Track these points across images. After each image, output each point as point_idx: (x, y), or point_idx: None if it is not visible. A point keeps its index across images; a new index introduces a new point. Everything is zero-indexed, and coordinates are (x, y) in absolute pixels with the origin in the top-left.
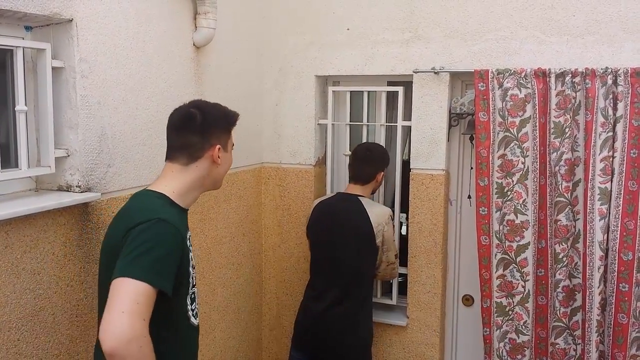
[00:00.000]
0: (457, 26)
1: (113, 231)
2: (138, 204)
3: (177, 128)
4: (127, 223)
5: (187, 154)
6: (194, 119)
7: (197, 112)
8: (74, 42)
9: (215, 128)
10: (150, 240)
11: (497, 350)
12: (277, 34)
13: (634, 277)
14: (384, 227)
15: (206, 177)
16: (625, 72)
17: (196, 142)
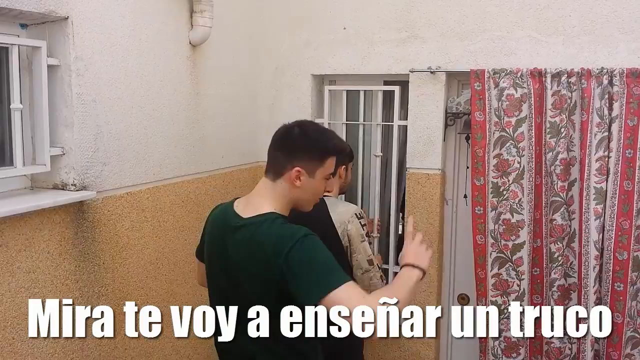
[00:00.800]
0: (454, 26)
1: (249, 259)
2: (267, 232)
3: (273, 141)
4: (271, 253)
5: (273, 170)
6: (285, 136)
7: (297, 130)
8: (70, 40)
9: (303, 152)
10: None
11: (492, 348)
12: (274, 32)
13: (629, 277)
14: (347, 226)
15: (287, 195)
16: (620, 72)
17: (280, 159)
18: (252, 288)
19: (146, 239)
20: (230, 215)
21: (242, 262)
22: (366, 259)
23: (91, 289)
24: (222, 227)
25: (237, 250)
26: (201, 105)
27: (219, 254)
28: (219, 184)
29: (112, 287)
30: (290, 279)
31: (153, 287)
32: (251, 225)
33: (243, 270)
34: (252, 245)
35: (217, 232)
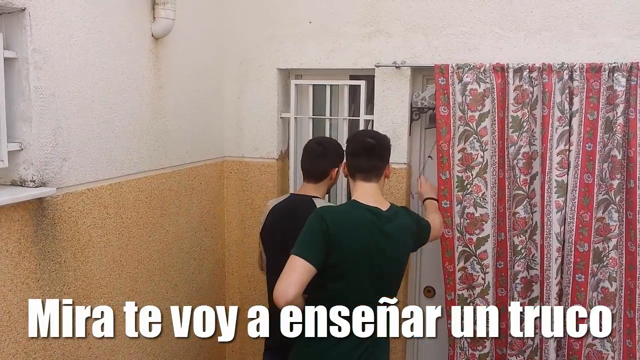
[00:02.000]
0: (418, 21)
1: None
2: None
3: (365, 154)
4: (411, 230)
5: (376, 174)
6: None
7: (375, 142)
8: (27, 32)
9: (387, 153)
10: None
11: (459, 341)
12: (239, 26)
13: (590, 268)
14: None
15: (382, 188)
16: (580, 67)
17: (380, 165)
18: (405, 259)
19: (109, 236)
20: (373, 210)
21: (401, 240)
22: None
23: (53, 287)
24: (373, 219)
25: (398, 232)
26: (165, 99)
27: (377, 244)
28: (183, 179)
29: (74, 286)
30: (421, 232)
31: (116, 285)
32: (397, 214)
33: (402, 247)
34: (404, 226)
35: (372, 230)
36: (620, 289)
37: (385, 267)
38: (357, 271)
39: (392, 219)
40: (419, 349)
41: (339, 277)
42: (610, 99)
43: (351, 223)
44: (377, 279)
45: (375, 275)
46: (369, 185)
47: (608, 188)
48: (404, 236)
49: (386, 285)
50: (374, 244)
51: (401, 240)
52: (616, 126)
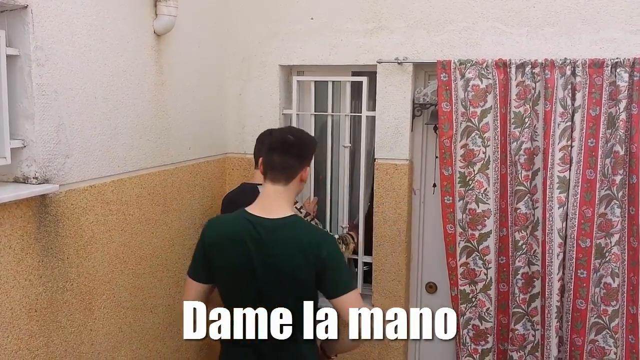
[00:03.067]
0: (420, 17)
1: (283, 257)
2: (305, 232)
3: (279, 151)
4: (307, 249)
5: (286, 175)
6: (293, 145)
7: (294, 138)
8: (30, 29)
9: (308, 153)
10: (342, 257)
11: (461, 337)
12: (240, 22)
13: (592, 264)
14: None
15: (295, 192)
16: (583, 63)
17: (294, 164)
18: (302, 276)
19: (111, 233)
20: (255, 220)
21: (288, 255)
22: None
23: (55, 284)
24: (251, 232)
25: (283, 245)
26: (167, 96)
27: (255, 257)
28: (185, 175)
29: (77, 282)
30: (326, 270)
31: (119, 282)
32: (288, 223)
33: (290, 261)
34: (295, 240)
35: (244, 239)
36: (622, 285)
37: (267, 280)
38: (233, 285)
39: (278, 230)
40: (421, 346)
41: (222, 289)
42: (612, 95)
43: (224, 234)
44: (259, 294)
45: (256, 290)
46: (273, 188)
47: (610, 184)
48: (290, 249)
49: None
50: (247, 256)
51: (288, 253)
52: (619, 122)
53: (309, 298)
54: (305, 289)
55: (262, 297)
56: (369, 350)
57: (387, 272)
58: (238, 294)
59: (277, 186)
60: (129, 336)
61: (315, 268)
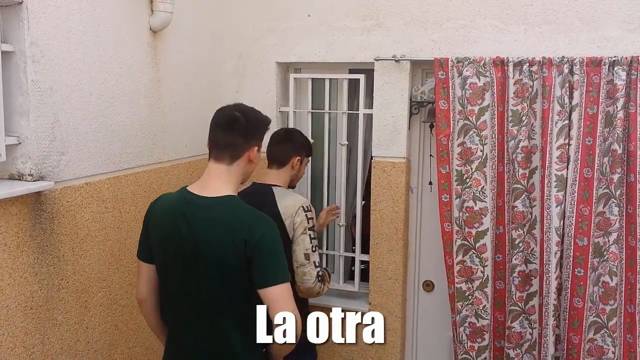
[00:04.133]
0: (418, 14)
1: (214, 240)
2: (237, 213)
3: (224, 128)
4: (238, 234)
5: (230, 153)
6: (239, 121)
7: (241, 115)
8: (24, 25)
9: (255, 131)
10: (276, 244)
11: (458, 335)
12: (237, 19)
13: (590, 262)
14: (294, 219)
15: (242, 174)
16: (580, 61)
17: (240, 142)
18: (229, 260)
19: (107, 230)
20: (189, 197)
21: (216, 236)
22: (303, 252)
23: (51, 281)
24: (183, 209)
25: (212, 226)
26: (163, 93)
27: (184, 235)
28: (182, 173)
29: (72, 280)
30: (255, 259)
31: (114, 279)
32: (220, 205)
33: (217, 243)
34: (224, 222)
35: (176, 215)
36: (620, 284)
37: (194, 260)
38: (162, 263)
39: (209, 209)
40: (417, 345)
41: (156, 267)
42: (610, 93)
43: (160, 210)
44: (187, 274)
45: (184, 270)
46: (215, 166)
47: (608, 182)
48: (218, 231)
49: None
50: (176, 233)
51: (216, 235)
52: (616, 120)
53: (238, 285)
54: (232, 274)
55: (189, 278)
56: (365, 348)
57: (384, 270)
58: (167, 272)
59: (220, 165)
60: (125, 334)
61: (244, 253)
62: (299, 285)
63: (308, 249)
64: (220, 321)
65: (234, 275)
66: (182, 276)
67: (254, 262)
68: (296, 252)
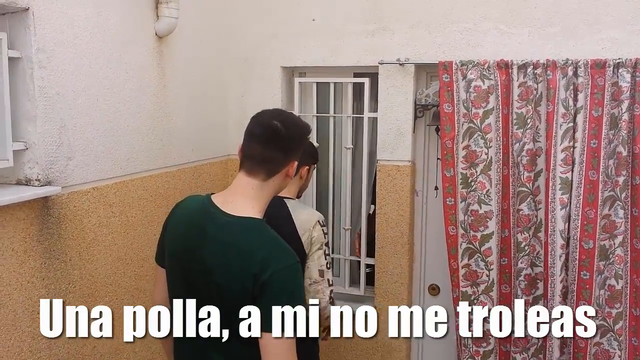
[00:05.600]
0: (422, 17)
1: (221, 268)
2: (256, 242)
3: (263, 140)
4: (248, 267)
5: (267, 169)
6: (280, 134)
7: (282, 126)
8: (31, 31)
9: (296, 143)
10: (290, 285)
11: (463, 338)
12: (242, 24)
13: (595, 265)
14: (312, 234)
15: (275, 191)
16: (585, 63)
17: (279, 157)
18: (233, 293)
19: (114, 235)
20: (211, 207)
21: (225, 262)
22: (317, 268)
23: (58, 286)
24: (201, 221)
25: (224, 249)
26: (169, 98)
27: (195, 250)
28: (188, 177)
29: (79, 284)
30: (262, 296)
31: (121, 284)
32: (239, 227)
33: (224, 270)
34: (237, 250)
35: (193, 226)
36: (626, 287)
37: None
38: (170, 273)
39: (226, 230)
40: (423, 348)
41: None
42: (615, 95)
43: (181, 214)
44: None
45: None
46: (247, 180)
47: (614, 185)
48: (229, 256)
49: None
50: (188, 247)
51: (225, 260)
52: (621, 122)
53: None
54: (234, 311)
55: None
56: (371, 352)
57: (390, 274)
58: (172, 284)
59: (253, 180)
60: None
61: (251, 290)
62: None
63: (323, 266)
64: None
65: (236, 313)
66: (184, 292)
67: (258, 301)
68: (310, 269)
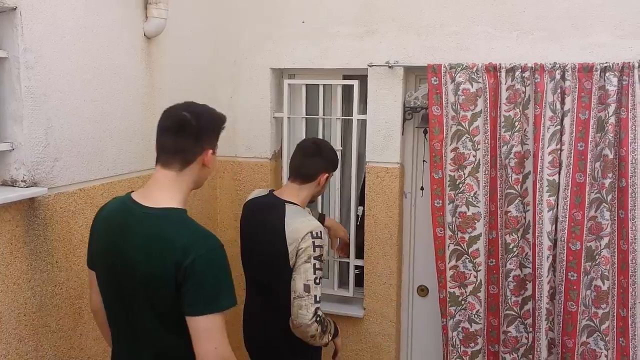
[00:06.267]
0: (411, 21)
1: (143, 261)
2: (176, 230)
3: (172, 132)
4: (170, 255)
5: (180, 159)
6: (189, 124)
7: (191, 116)
8: (18, 31)
9: (208, 132)
10: (215, 268)
11: (450, 339)
12: (232, 25)
13: (582, 266)
14: (299, 245)
15: (194, 181)
16: (572, 67)
17: (190, 146)
18: (157, 284)
19: None
20: (131, 204)
21: (146, 254)
22: (303, 282)
23: (44, 288)
24: (121, 218)
25: (145, 241)
26: (157, 99)
27: (118, 248)
28: None
29: (66, 286)
30: (186, 281)
31: None
32: (159, 219)
33: (147, 262)
34: (158, 240)
35: (114, 225)
36: (612, 288)
37: (124, 278)
38: (98, 275)
39: (146, 222)
40: (412, 349)
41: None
42: (602, 99)
43: (102, 217)
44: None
45: (114, 287)
46: (163, 173)
47: (600, 187)
48: (151, 248)
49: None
50: (111, 246)
51: (147, 252)
52: (608, 125)
53: (167, 315)
54: (162, 301)
55: (120, 298)
56: (361, 354)
57: (379, 275)
58: (102, 288)
59: (169, 172)
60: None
61: (174, 279)
62: (293, 320)
63: (310, 280)
64: (150, 349)
65: (162, 303)
66: (115, 294)
67: (184, 288)
68: (296, 281)
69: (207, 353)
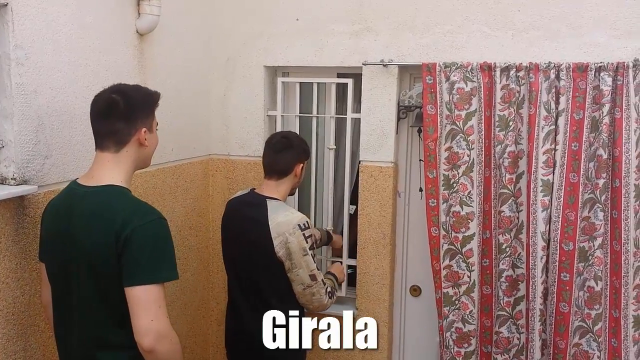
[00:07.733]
0: (406, 19)
1: (86, 235)
2: (115, 204)
3: (102, 115)
4: (111, 227)
5: (114, 141)
6: (117, 105)
7: (119, 97)
8: (9, 27)
9: (139, 111)
10: (155, 238)
11: (444, 339)
12: (225, 23)
13: (575, 267)
14: (287, 239)
15: (134, 160)
16: (567, 67)
17: (122, 127)
18: (98, 259)
19: None
20: (74, 186)
21: (87, 229)
22: (308, 273)
23: (33, 287)
24: (66, 201)
25: (84, 218)
26: None
27: (63, 228)
28: (168, 177)
29: None
30: (124, 252)
31: None
32: (99, 195)
33: (88, 238)
34: (98, 214)
35: (60, 208)
36: (605, 289)
37: (69, 257)
38: (46, 260)
39: (86, 199)
40: (404, 350)
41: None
42: (596, 99)
43: (51, 204)
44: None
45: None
46: (101, 156)
47: (594, 187)
48: (91, 223)
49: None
50: (58, 228)
51: (88, 227)
52: (602, 125)
53: (111, 287)
54: (104, 274)
55: (66, 277)
56: (353, 354)
57: (372, 275)
58: (50, 276)
59: (107, 154)
60: None
61: (114, 249)
62: (309, 306)
63: (313, 269)
64: (97, 325)
65: (106, 276)
66: (61, 276)
67: (122, 259)
68: (300, 275)
69: (142, 326)
